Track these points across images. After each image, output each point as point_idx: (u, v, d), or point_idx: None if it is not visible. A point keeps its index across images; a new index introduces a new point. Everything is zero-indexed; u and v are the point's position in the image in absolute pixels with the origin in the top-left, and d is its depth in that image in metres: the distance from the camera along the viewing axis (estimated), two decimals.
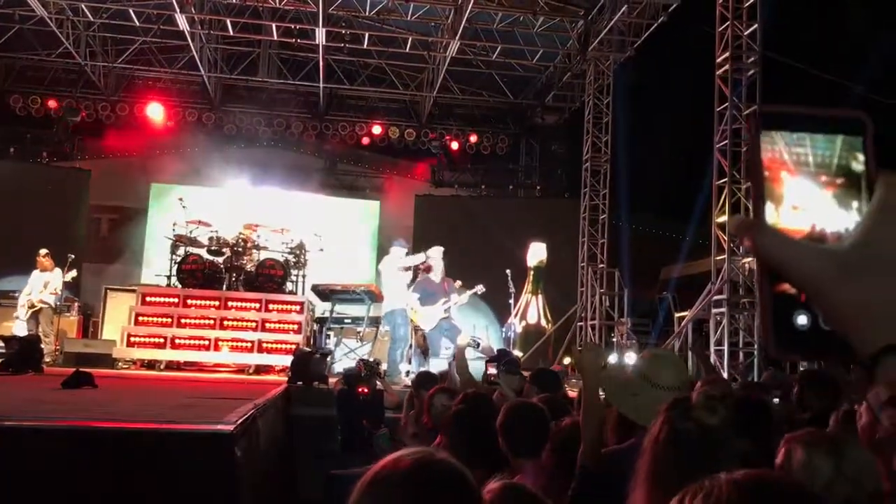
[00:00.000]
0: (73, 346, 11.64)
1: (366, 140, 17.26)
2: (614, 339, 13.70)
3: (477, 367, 7.94)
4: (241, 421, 3.16)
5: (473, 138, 17.28)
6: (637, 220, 15.48)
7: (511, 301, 11.51)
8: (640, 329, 13.92)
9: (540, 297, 12.23)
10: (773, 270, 0.62)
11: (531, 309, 12.11)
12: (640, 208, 15.31)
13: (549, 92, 16.30)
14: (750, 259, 9.29)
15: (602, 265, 14.29)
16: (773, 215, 0.63)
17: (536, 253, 12.27)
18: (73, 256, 12.17)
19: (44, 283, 11.82)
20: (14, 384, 6.44)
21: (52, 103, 16.01)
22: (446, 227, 15.84)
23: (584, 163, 14.62)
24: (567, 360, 12.02)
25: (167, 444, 2.61)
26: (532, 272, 12.23)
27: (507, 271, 11.98)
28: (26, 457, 2.46)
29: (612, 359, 12.79)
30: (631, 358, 12.50)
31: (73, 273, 11.83)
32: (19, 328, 11.77)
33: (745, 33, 10.17)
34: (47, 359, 10.38)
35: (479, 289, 10.77)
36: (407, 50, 14.59)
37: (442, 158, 17.49)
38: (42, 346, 10.13)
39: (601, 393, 2.83)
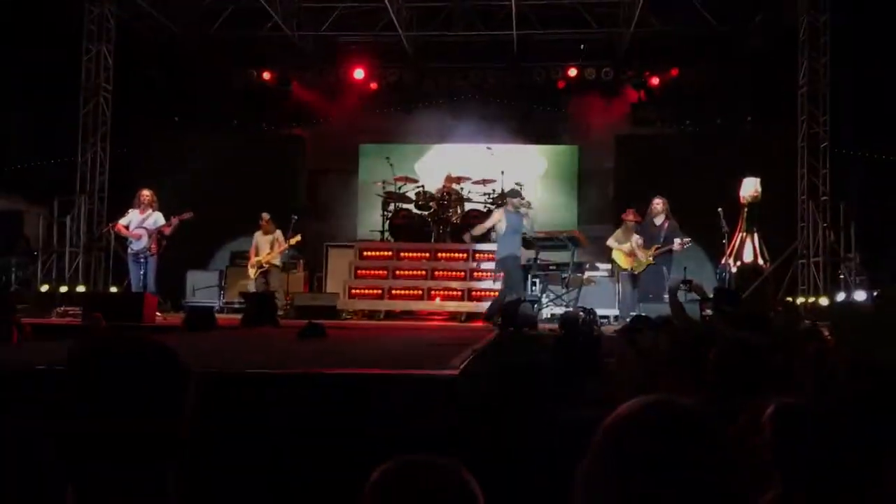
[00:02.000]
0: (301, 300, 12.63)
1: (562, 84, 17.00)
2: (841, 277, 12.75)
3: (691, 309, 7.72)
4: (463, 365, 3.30)
5: (675, 72, 16.51)
6: (865, 147, 14.19)
7: (724, 241, 11.02)
8: (871, 265, 12.85)
9: (755, 234, 11.57)
10: None
11: (746, 248, 11.49)
12: (868, 134, 14.03)
13: (756, 14, 15.19)
14: None
15: (824, 197, 13.29)
16: None
17: (749, 188, 11.59)
18: (296, 218, 13.10)
19: (269, 244, 12.83)
20: (257, 337, 7.10)
21: (266, 75, 17.14)
22: (649, 167, 15.37)
23: (799, 88, 13.56)
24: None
25: (397, 388, 2.78)
26: (746, 209, 11.58)
27: (719, 210, 11.47)
28: (281, 403, 2.72)
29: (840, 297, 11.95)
30: (860, 296, 11.60)
31: (298, 237, 12.71)
32: (252, 286, 12.91)
33: None
34: (280, 312, 11.33)
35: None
36: None
37: (642, 95, 16.87)
38: (275, 300, 11.08)
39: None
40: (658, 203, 11.35)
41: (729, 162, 13.60)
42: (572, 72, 16.76)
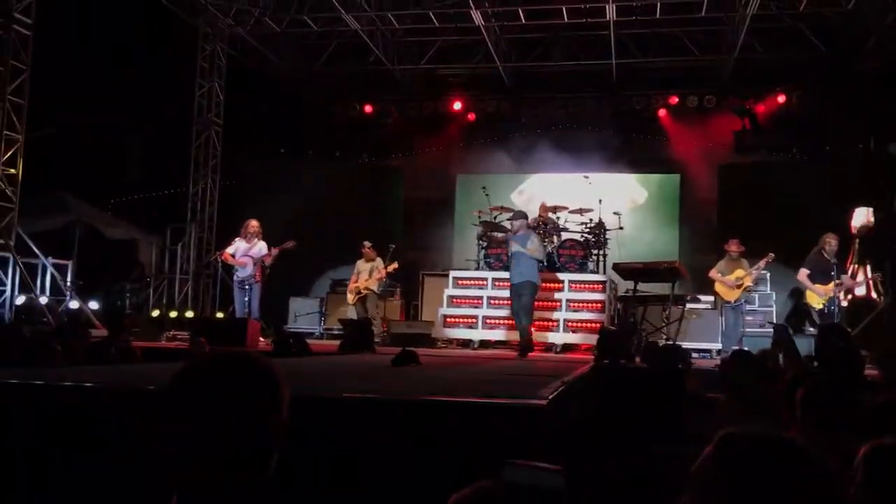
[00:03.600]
0: (397, 327, 12.79)
1: (662, 112, 16.76)
2: None
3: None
4: (552, 396, 3.27)
5: (781, 98, 16.01)
6: None
7: (833, 272, 10.54)
8: None
9: (868, 266, 11.03)
10: None
11: (859, 280, 10.97)
12: None
13: (868, 37, 14.61)
14: None
15: None
16: None
17: (861, 217, 11.06)
18: (393, 247, 13.31)
19: (368, 272, 13.06)
20: (354, 363, 7.23)
21: (367, 108, 17.60)
22: (754, 196, 14.91)
23: None
24: None
25: (484, 416, 2.79)
26: (857, 240, 11.06)
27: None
28: (364, 427, 2.77)
29: None
30: None
31: (395, 265, 12.90)
32: (352, 313, 13.16)
33: None
34: (377, 339, 11.49)
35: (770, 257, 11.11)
36: (703, 14, 13.90)
37: (746, 123, 16.43)
38: (372, 327, 11.26)
39: None
40: (834, 239, 10.84)
41: (838, 190, 13.07)
42: (673, 99, 16.51)
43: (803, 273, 10.71)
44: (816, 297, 10.69)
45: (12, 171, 11.59)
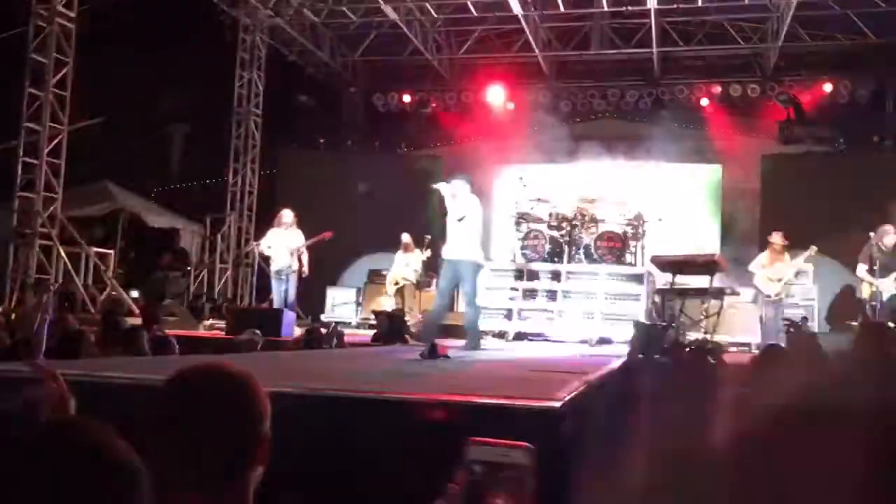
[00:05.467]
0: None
1: (705, 101, 16.46)
2: None
3: None
4: (569, 397, 3.23)
5: (828, 87, 15.60)
6: None
7: (876, 267, 10.27)
8: None
9: None
10: None
11: None
12: None
13: None
14: None
15: None
16: None
17: None
18: (429, 237, 13.31)
19: (405, 263, 13.09)
20: (382, 356, 7.24)
21: (406, 98, 17.59)
22: (797, 188, 14.58)
23: None
24: None
25: (494, 418, 2.76)
26: None
27: (871, 234, 10.71)
28: (359, 426, 2.76)
29: None
30: None
31: (429, 252, 12.92)
32: (386, 304, 13.21)
33: None
34: (413, 330, 11.50)
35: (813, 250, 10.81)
36: (746, 1, 13.60)
37: (791, 112, 16.05)
38: (407, 318, 11.28)
39: None
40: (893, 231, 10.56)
41: (888, 183, 12.70)
42: (716, 89, 16.20)
43: (861, 268, 10.47)
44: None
45: (56, 161, 11.83)
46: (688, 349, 6.58)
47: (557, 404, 2.96)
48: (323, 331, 8.34)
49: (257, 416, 1.61)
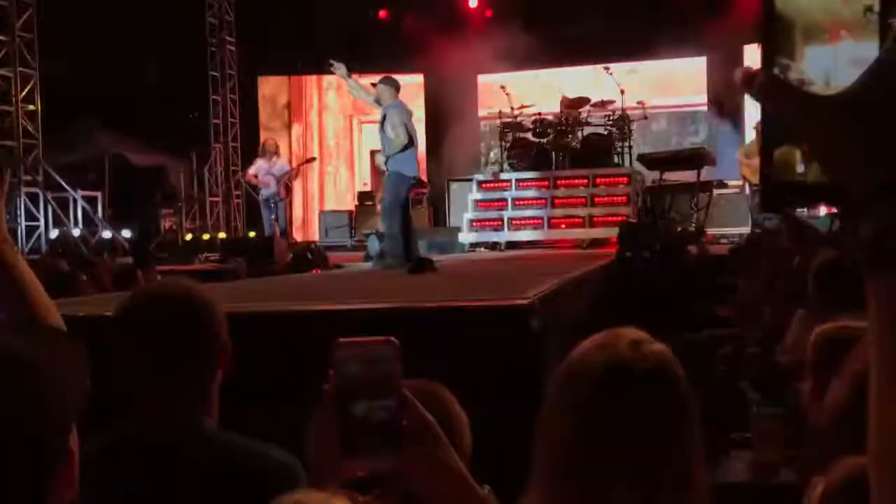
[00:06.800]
0: (425, 234, 12.83)
1: None
2: None
3: None
4: (539, 295, 3.30)
5: None
6: None
7: None
8: None
9: None
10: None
11: None
12: None
13: None
14: None
15: None
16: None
17: None
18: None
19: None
20: (375, 274, 7.37)
21: (381, 14, 17.19)
22: None
23: None
24: None
25: (465, 321, 2.84)
26: None
27: None
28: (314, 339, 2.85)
29: None
30: None
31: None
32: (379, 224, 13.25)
33: None
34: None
35: None
36: None
37: None
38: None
39: None
40: None
41: None
42: None
43: None
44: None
45: (31, 107, 11.70)
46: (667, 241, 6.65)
47: (525, 301, 3.03)
48: (309, 256, 8.42)
49: (217, 325, 1.69)
